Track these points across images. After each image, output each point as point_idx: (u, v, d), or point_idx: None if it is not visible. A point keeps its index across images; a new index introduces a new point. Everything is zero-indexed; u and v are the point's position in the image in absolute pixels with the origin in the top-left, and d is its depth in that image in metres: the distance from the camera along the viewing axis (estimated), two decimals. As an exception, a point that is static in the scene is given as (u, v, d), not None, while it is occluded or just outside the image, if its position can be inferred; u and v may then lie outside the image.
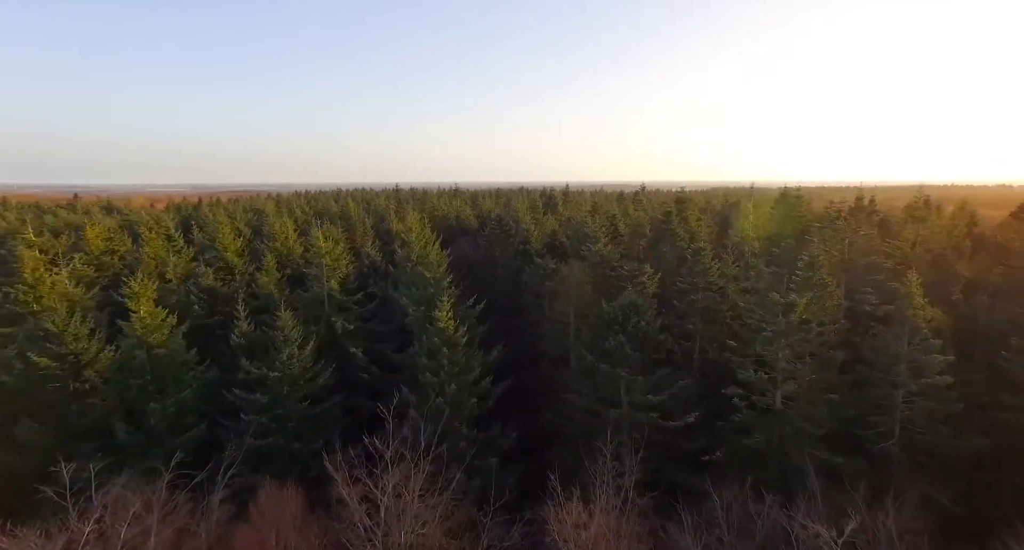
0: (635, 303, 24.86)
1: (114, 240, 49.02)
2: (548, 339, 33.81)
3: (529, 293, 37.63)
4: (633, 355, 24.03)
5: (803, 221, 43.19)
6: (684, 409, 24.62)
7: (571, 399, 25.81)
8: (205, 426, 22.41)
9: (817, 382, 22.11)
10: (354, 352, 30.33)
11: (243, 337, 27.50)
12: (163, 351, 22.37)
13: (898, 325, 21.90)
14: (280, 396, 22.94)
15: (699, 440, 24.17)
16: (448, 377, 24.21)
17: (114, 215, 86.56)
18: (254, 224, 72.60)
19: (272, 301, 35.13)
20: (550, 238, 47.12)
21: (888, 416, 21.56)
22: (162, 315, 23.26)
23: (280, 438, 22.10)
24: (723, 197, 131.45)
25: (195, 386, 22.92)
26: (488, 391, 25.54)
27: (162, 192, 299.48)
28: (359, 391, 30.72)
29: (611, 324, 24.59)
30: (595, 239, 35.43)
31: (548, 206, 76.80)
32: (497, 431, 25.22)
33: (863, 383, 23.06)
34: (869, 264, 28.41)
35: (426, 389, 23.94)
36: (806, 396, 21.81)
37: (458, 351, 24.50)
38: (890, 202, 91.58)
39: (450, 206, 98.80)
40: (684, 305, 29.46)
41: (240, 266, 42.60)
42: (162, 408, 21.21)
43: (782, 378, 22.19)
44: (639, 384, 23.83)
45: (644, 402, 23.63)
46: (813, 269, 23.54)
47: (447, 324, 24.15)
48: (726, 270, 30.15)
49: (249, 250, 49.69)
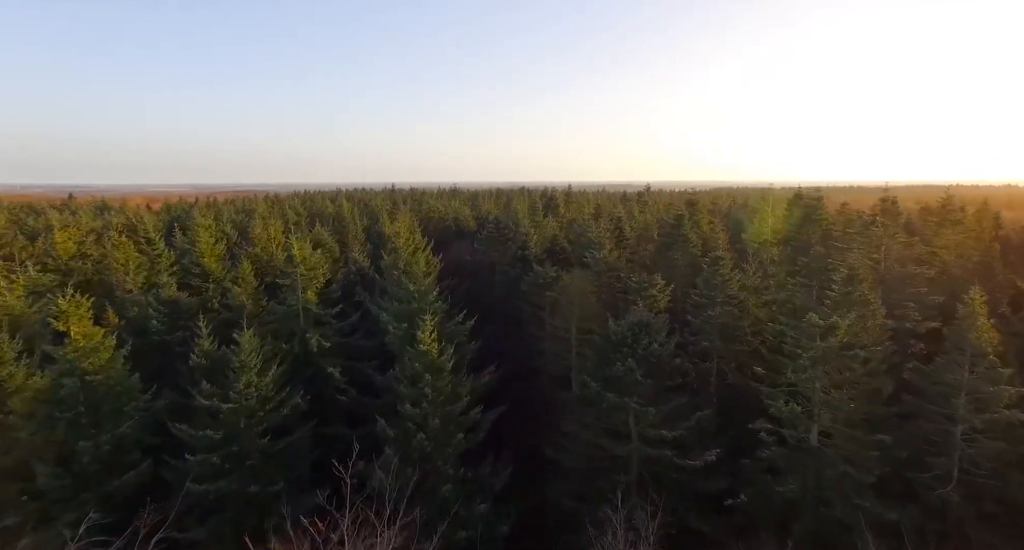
0: (646, 322, 21.68)
1: (86, 244, 45.99)
2: (548, 355, 30.68)
3: (528, 303, 34.50)
4: (644, 382, 20.85)
5: (824, 225, 39.95)
6: (702, 443, 21.47)
7: (573, 430, 22.65)
8: (148, 465, 19.28)
9: (859, 416, 18.92)
10: (331, 372, 27.20)
11: (204, 357, 24.35)
12: (100, 378, 19.25)
13: (956, 349, 18.69)
14: (236, 430, 19.80)
15: (720, 480, 21.01)
16: (432, 407, 21.07)
17: (105, 216, 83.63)
18: (242, 226, 69.46)
19: (243, 314, 32.11)
20: (551, 243, 43.94)
21: (945, 457, 18.34)
22: (99, 335, 20.12)
23: (234, 480, 18.96)
24: (729, 197, 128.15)
25: (138, 418, 19.78)
26: (478, 422, 22.39)
27: (162, 192, 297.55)
28: (336, 415, 27.63)
29: (619, 346, 21.41)
30: (599, 245, 32.25)
31: (549, 208, 73.54)
32: (488, 468, 22.06)
33: (912, 416, 19.86)
34: (908, 275, 25.19)
35: (406, 422, 20.81)
36: (847, 433, 18.60)
37: (443, 377, 21.35)
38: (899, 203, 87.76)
39: (448, 207, 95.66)
40: (700, 321, 26.27)
41: (219, 273, 39.57)
42: (95, 446, 18.08)
43: (819, 411, 19.00)
44: (651, 416, 20.66)
45: (657, 436, 20.46)
46: (853, 284, 20.31)
47: (430, 347, 21.00)
48: (747, 281, 26.92)
49: (231, 255, 46.69)
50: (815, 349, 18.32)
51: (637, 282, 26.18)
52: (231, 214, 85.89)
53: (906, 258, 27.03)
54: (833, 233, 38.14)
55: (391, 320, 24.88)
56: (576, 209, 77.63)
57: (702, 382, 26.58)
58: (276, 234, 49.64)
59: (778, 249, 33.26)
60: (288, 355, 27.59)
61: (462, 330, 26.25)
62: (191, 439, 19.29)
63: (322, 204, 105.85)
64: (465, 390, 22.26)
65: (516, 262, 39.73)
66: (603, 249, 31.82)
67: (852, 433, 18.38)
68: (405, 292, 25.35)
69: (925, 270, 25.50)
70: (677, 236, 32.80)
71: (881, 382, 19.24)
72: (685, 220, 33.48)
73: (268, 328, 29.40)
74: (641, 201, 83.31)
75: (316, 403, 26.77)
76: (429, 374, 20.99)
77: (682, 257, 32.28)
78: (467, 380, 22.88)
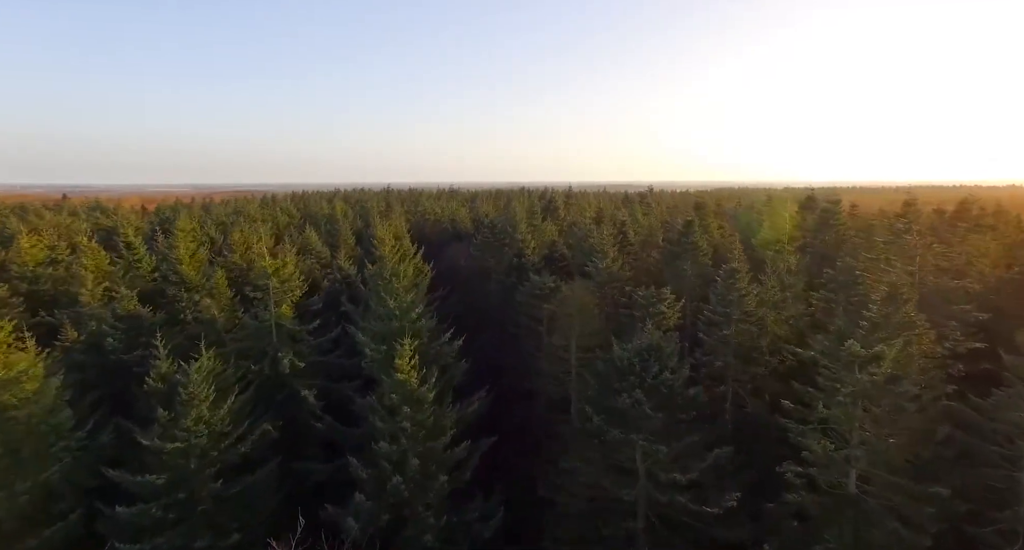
0: (656, 346, 18.99)
1: (58, 249, 43.33)
2: (546, 374, 27.99)
3: (524, 315, 31.82)
4: (654, 417, 18.17)
5: (841, 231, 37.23)
6: (719, 484, 18.79)
7: (573, 467, 19.97)
8: (79, 517, 16.63)
9: (905, 459, 16.24)
10: (305, 396, 24.53)
11: (161, 380, 21.70)
12: (21, 414, 16.60)
13: (1020, 381, 16.01)
14: (185, 473, 17.15)
15: (740, 528, 18.33)
16: (411, 443, 18.43)
17: (94, 217, 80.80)
18: (230, 230, 66.67)
19: (213, 330, 29.43)
20: (549, 249, 41.22)
21: (1010, 510, 15.65)
22: (23, 363, 17.44)
23: (178, 535, 16.30)
24: (733, 199, 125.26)
25: (70, 460, 17.12)
26: (464, 459, 19.70)
27: (161, 192, 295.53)
28: (310, 444, 24.98)
29: (625, 374, 18.73)
30: (602, 253, 29.56)
31: (548, 210, 70.74)
32: (476, 512, 19.38)
33: (966, 457, 17.19)
34: (947, 289, 22.49)
35: (381, 461, 18.16)
36: (893, 481, 15.92)
37: (424, 409, 18.69)
38: (899, 203, 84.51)
39: (445, 208, 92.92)
40: (713, 340, 23.59)
41: (197, 281, 36.92)
42: (9, 496, 15.43)
43: (858, 453, 16.32)
44: (662, 455, 17.97)
45: (669, 480, 17.79)
46: (896, 303, 17.62)
47: (409, 375, 18.35)
48: (765, 296, 24.23)
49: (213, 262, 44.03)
50: (856, 382, 15.63)
51: (644, 297, 23.50)
52: (222, 216, 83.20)
53: (942, 270, 24.33)
54: (853, 239, 35.45)
55: (368, 341, 22.18)
56: (576, 211, 74.90)
57: (716, 408, 23.90)
58: (261, 239, 46.65)
59: (796, 258, 30.51)
60: (258, 377, 25.00)
61: (449, 351, 23.55)
62: (131, 485, 16.64)
63: (317, 205, 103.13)
64: (450, 422, 19.61)
65: (512, 270, 37.06)
66: (606, 258, 29.10)
67: (899, 481, 15.70)
68: (385, 309, 22.67)
69: (968, 283, 22.79)
70: (686, 244, 30.12)
71: (933, 421, 16.55)
72: (695, 226, 30.77)
73: (238, 346, 26.80)
74: (644, 203, 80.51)
75: (289, 430, 24.14)
76: (408, 406, 18.35)
77: (692, 267, 29.58)
78: (452, 411, 20.21)
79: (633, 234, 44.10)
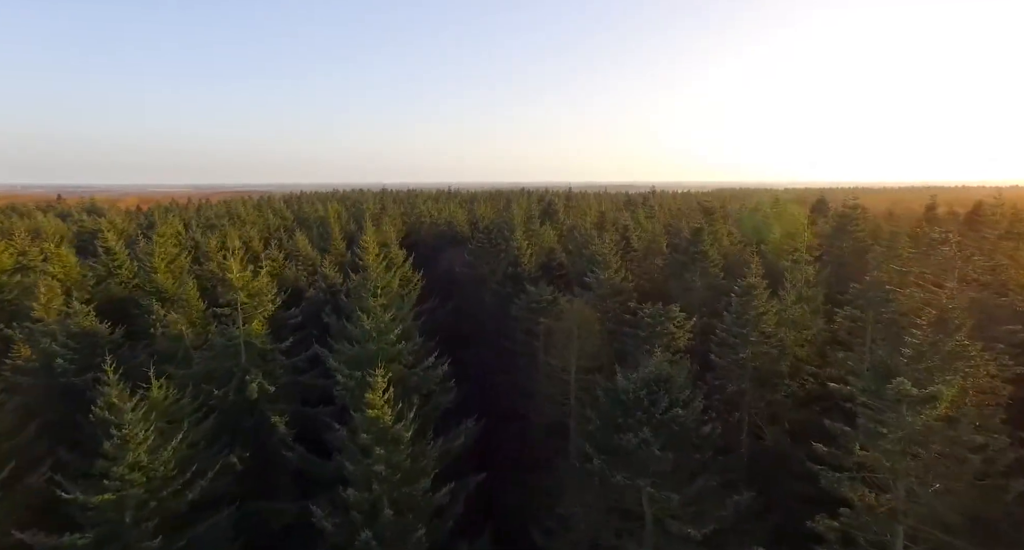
0: (665, 377, 16.57)
1: (29, 255, 40.93)
2: (542, 397, 25.59)
3: (520, 329, 29.43)
4: (663, 458, 15.76)
5: (860, 239, 34.77)
6: (738, 536, 16.40)
7: (570, 513, 17.57)
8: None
9: (954, 512, 13.81)
10: (275, 423, 22.11)
11: (109, 409, 19.28)
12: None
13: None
14: (118, 528, 14.74)
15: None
16: (385, 487, 16.03)
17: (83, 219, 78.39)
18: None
19: (182, 347, 27.04)
20: (547, 257, 38.76)
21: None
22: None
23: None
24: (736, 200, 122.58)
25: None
26: (447, 505, 17.27)
27: (161, 192, 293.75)
28: (281, 478, 22.59)
29: (630, 409, 16.31)
30: (604, 263, 27.13)
31: (547, 213, 68.22)
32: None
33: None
34: (994, 305, 20.02)
35: (351, 511, 15.75)
36: (946, 542, 13.48)
37: (401, 450, 16.27)
38: (906, 205, 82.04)
39: (442, 210, 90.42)
40: (728, 363, 21.16)
41: (173, 292, 34.52)
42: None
43: (907, 508, 13.90)
44: (673, 503, 15.57)
45: (682, 534, 15.36)
46: (948, 329, 15.18)
47: (382, 411, 15.93)
48: (785, 314, 21.79)
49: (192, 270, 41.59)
50: (906, 427, 13.18)
51: (651, 315, 21.04)
52: (212, 218, 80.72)
53: (983, 285, 21.88)
54: (873, 247, 33.00)
55: (341, 366, 19.75)
56: (577, 214, 72.42)
57: (730, 438, 21.46)
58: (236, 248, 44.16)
59: (814, 268, 28.08)
60: (223, 402, 22.60)
61: (434, 377, 21.10)
62: (53, 547, 14.21)
63: (310, 207, 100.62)
64: (431, 462, 17.19)
65: (507, 279, 34.65)
66: (608, 269, 26.67)
67: (956, 543, 13.25)
68: (360, 330, 20.23)
69: (1016, 300, 20.33)
70: (695, 253, 27.69)
71: (1003, 475, 14.09)
72: (704, 235, 28.32)
73: (206, 366, 24.40)
74: (647, 206, 77.99)
75: (257, 460, 21.78)
76: (381, 447, 15.94)
77: (701, 279, 27.15)
78: (434, 447, 17.78)
79: (636, 240, 41.65)
